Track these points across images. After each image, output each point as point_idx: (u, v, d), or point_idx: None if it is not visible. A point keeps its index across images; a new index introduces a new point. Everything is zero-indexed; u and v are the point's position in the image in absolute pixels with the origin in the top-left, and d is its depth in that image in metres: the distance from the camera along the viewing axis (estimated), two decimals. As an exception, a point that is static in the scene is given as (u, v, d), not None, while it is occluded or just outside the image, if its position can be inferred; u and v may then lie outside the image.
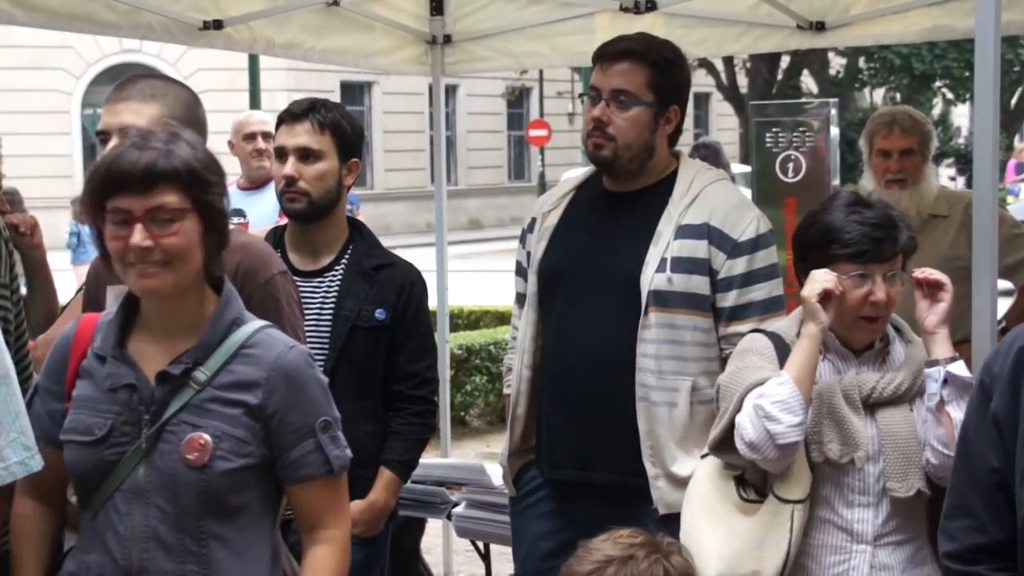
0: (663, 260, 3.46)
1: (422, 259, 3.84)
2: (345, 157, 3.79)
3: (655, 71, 3.54)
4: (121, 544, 2.54)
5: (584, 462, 3.57)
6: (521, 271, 3.81)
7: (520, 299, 3.78)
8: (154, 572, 2.53)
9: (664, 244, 3.47)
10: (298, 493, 2.65)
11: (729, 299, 3.48)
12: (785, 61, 27.98)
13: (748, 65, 28.30)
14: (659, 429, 3.45)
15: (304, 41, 5.68)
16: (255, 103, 14.33)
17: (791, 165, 5.34)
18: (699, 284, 3.47)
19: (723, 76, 27.79)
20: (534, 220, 3.76)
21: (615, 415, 3.50)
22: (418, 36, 6.01)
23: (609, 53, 3.59)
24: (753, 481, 3.15)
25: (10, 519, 2.69)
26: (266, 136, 6.25)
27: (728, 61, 27.04)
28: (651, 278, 3.45)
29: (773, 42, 5.81)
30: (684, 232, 3.48)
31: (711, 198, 3.52)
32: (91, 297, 3.27)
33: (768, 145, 5.40)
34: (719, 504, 3.18)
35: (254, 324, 2.65)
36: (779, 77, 28.33)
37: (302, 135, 3.76)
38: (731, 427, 3.09)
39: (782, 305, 3.54)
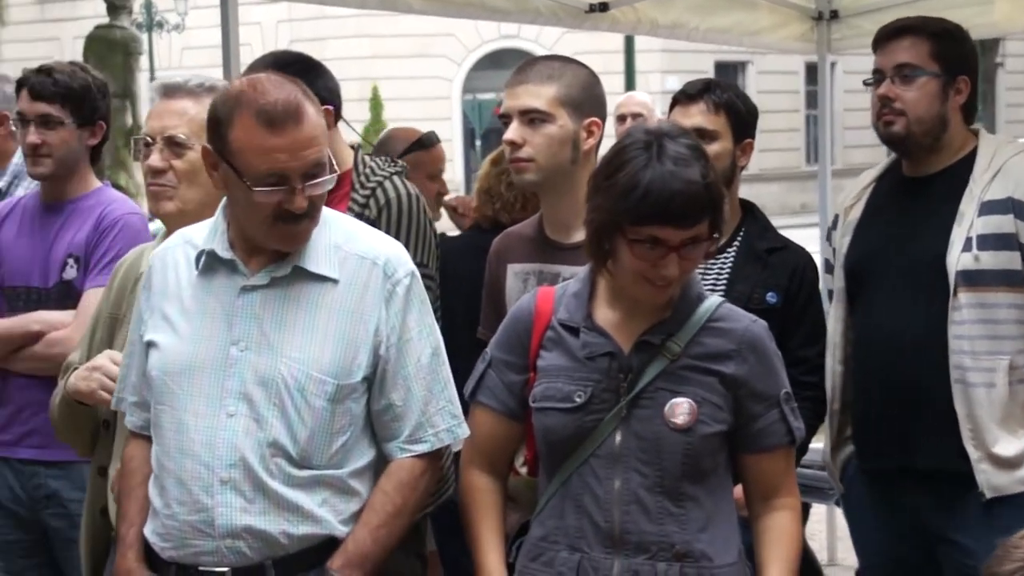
0: (968, 239, 3.35)
1: (799, 241, 3.76)
2: (739, 138, 3.73)
3: (937, 42, 3.45)
4: (601, 508, 2.62)
5: (905, 449, 3.48)
6: (829, 268, 3.77)
7: (830, 295, 3.74)
8: (636, 534, 2.60)
9: (968, 223, 3.36)
10: (758, 462, 2.72)
11: None
12: None
13: None
14: (978, 411, 3.34)
15: (688, 21, 5.67)
16: (631, 84, 14.47)
17: None
18: (1009, 260, 3.34)
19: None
20: (837, 217, 3.72)
21: (932, 400, 3.40)
22: (803, 12, 5.90)
23: (886, 33, 3.52)
24: None
25: (462, 493, 2.82)
26: (635, 117, 6.27)
27: None
28: (957, 259, 3.34)
29: None
30: (987, 208, 3.36)
31: (1014, 170, 3.38)
32: (492, 273, 3.37)
33: None
34: None
35: (715, 299, 2.74)
36: None
37: (696, 116, 3.73)
38: None
39: None
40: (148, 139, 3.04)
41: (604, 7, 5.31)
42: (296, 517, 2.60)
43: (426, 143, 4.64)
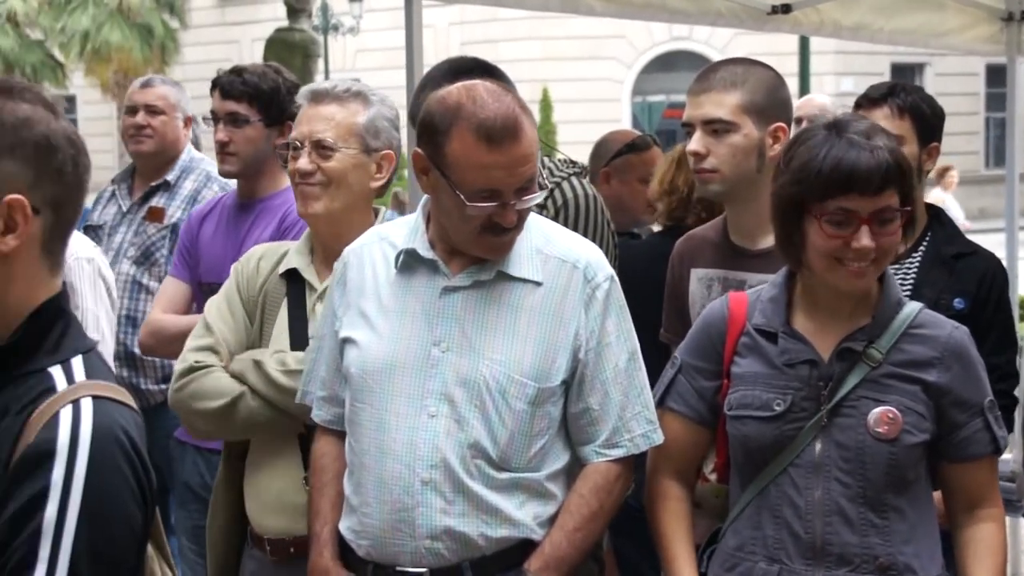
0: None
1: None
2: (925, 142, 3.65)
3: None
4: (801, 518, 2.58)
5: None
6: None
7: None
8: (838, 545, 2.56)
9: None
10: (963, 472, 2.66)
11: None
12: None
13: None
14: None
15: (872, 22, 5.57)
16: (805, 87, 14.25)
17: None
18: None
19: None
20: None
21: None
22: (992, 13, 5.75)
23: None
24: None
25: (650, 500, 2.80)
26: (811, 120, 6.16)
27: None
28: None
29: None
30: None
31: None
32: (675, 276, 3.35)
33: None
34: None
35: (915, 304, 2.68)
36: None
37: (880, 120, 3.65)
38: None
39: None
40: (297, 143, 3.10)
41: (787, 8, 5.25)
42: (495, 520, 2.62)
43: (639, 146, 4.61)
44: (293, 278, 3.14)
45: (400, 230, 2.79)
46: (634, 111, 30.85)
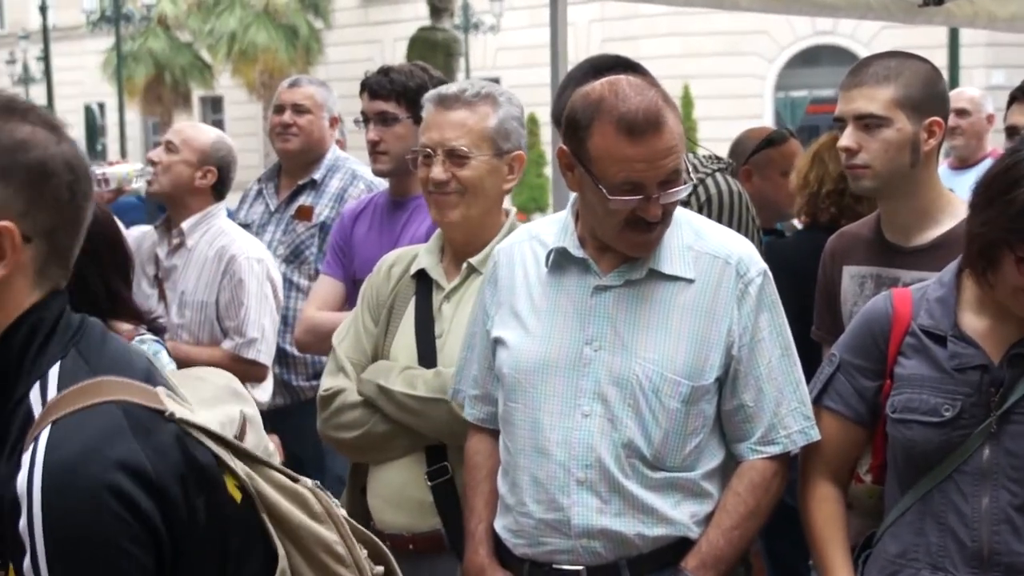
0: None
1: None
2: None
3: None
4: (968, 526, 2.51)
5: None
6: None
7: None
8: (1007, 555, 2.48)
9: None
10: None
11: None
12: None
13: None
14: None
15: (1029, 14, 5.40)
16: (954, 81, 13.93)
17: None
18: None
19: None
20: None
21: None
22: None
23: None
24: None
25: (805, 500, 2.75)
26: (960, 113, 6.03)
27: None
28: None
29: None
30: None
31: None
32: (827, 273, 3.30)
33: None
34: None
35: None
36: None
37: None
38: None
39: None
40: (428, 150, 3.10)
41: (939, 0, 5.11)
42: (651, 519, 2.60)
43: (776, 139, 4.56)
44: (422, 278, 3.17)
45: (550, 228, 2.78)
46: (776, 107, 30.47)
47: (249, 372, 4.21)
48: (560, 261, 2.71)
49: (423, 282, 3.16)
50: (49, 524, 1.60)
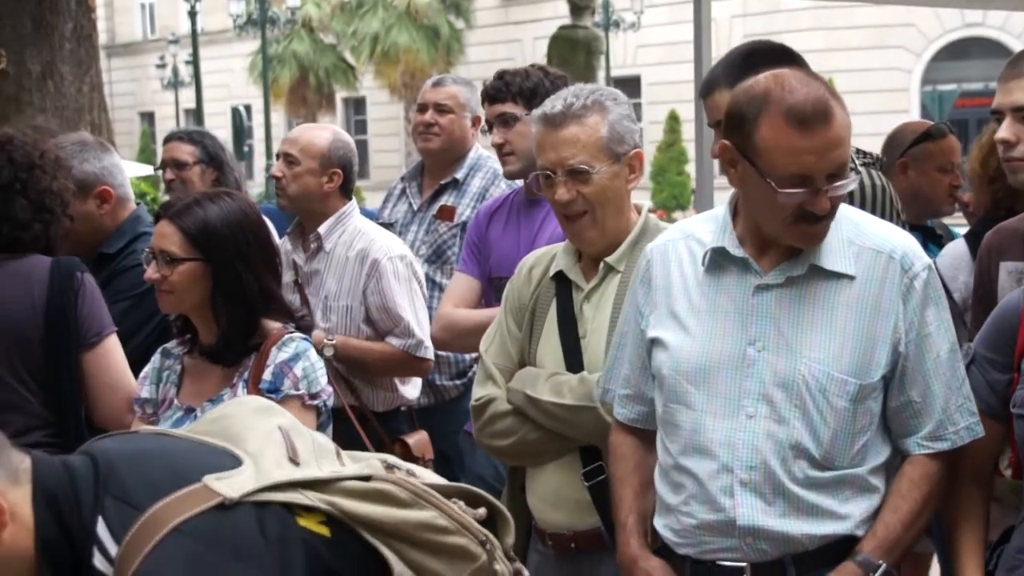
0: None
1: None
2: None
3: None
4: None
5: None
6: None
7: None
8: None
9: None
10: None
11: None
12: None
13: None
14: None
15: None
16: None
17: None
18: None
19: None
20: None
21: None
22: None
23: None
24: None
25: (954, 497, 2.70)
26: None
27: None
28: None
29: None
30: None
31: None
32: (984, 269, 3.24)
33: None
34: None
35: None
36: None
37: None
38: None
39: None
40: (548, 172, 3.09)
41: (1097, -11, 4.95)
42: (817, 518, 2.57)
43: (934, 134, 4.47)
44: (561, 279, 3.17)
45: (705, 226, 2.75)
46: (923, 101, 29.89)
47: (420, 368, 4.32)
48: (718, 260, 2.68)
49: (562, 283, 3.17)
50: None
